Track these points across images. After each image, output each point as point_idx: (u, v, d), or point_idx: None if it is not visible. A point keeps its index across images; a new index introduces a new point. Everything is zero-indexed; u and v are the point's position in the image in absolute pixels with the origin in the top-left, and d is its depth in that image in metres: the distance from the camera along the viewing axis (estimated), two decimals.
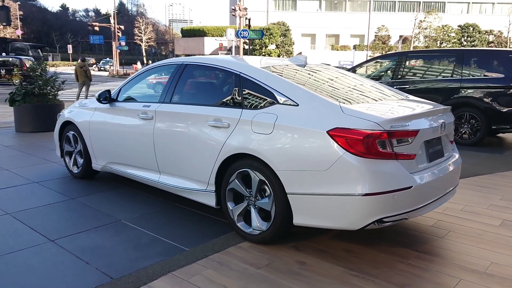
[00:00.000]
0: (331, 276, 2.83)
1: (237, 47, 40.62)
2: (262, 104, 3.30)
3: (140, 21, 72.81)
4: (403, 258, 3.11)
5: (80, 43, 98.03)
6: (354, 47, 53.96)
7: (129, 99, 4.52)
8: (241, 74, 3.50)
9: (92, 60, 63.54)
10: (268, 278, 2.80)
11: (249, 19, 16.41)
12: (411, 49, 48.47)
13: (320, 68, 4.03)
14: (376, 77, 8.80)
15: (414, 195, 2.88)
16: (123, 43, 44.91)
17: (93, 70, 55.86)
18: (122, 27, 47.16)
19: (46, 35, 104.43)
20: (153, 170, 4.12)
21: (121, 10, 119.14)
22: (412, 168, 2.95)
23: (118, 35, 45.93)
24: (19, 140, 7.77)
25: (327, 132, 2.85)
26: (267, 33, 44.90)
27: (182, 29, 56.05)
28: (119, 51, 45.93)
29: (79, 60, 16.32)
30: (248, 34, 16.88)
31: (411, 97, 3.93)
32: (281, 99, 3.20)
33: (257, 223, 3.27)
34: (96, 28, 47.74)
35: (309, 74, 3.78)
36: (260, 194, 3.26)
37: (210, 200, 3.61)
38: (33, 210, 4.04)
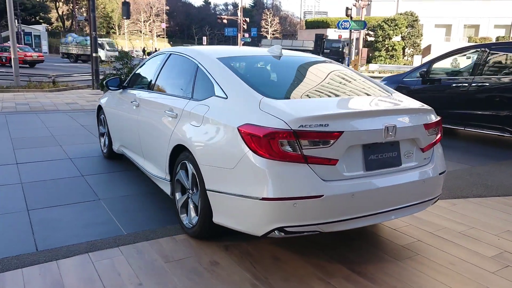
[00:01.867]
0: (229, 281, 2.65)
1: (358, 39, 39.22)
2: (203, 96, 3.21)
3: (268, 13, 74.76)
4: (327, 276, 2.75)
5: (216, 35, 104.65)
6: (497, 39, 47.66)
7: (134, 86, 4.76)
8: (198, 64, 3.44)
9: None
10: (166, 272, 2.74)
11: (350, 9, 15.65)
12: None
13: (298, 60, 3.73)
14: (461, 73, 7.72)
15: (326, 205, 2.52)
16: (246, 35, 46.79)
17: None
18: (248, 19, 49.07)
19: (187, 28, 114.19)
20: (141, 156, 4.30)
21: (257, 3, 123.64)
22: (332, 175, 2.57)
23: (243, 27, 47.97)
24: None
25: (237, 128, 2.65)
26: (391, 24, 42.39)
27: (306, 20, 56.15)
28: (243, 42, 47.94)
29: None
30: (350, 25, 16.12)
31: (397, 95, 3.38)
32: (217, 91, 3.07)
33: (191, 217, 3.21)
34: (225, 21, 50.59)
35: (273, 66, 3.53)
36: (196, 188, 3.19)
37: (167, 189, 3.65)
38: (39, 183, 4.54)
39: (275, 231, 2.54)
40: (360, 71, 20.86)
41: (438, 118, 3.15)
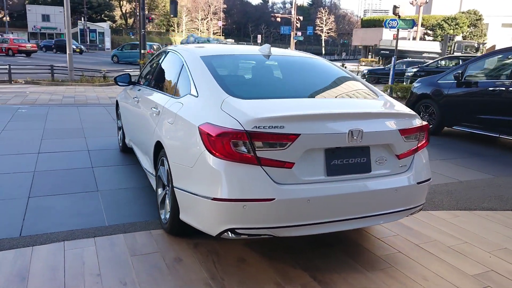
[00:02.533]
0: (184, 279, 2.67)
1: (414, 39, 37.70)
2: (182, 93, 3.24)
3: (323, 11, 73.72)
4: (285, 282, 2.69)
5: (272, 33, 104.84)
6: None
7: (140, 82, 4.89)
8: (183, 62, 3.47)
9: None
10: (128, 266, 2.80)
11: (398, 7, 14.96)
12: None
13: (285, 59, 3.66)
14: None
15: (278, 209, 2.45)
16: (299, 33, 46.46)
17: None
18: (301, 17, 48.66)
19: (244, 26, 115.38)
20: (139, 150, 4.42)
21: (315, 1, 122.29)
22: (287, 178, 2.50)
23: (296, 25, 47.68)
24: None
25: (198, 126, 2.65)
26: (452, 23, 40.29)
27: (362, 19, 54.75)
28: (295, 40, 47.65)
29: None
30: (397, 23, 15.47)
31: (382, 98, 3.22)
32: (192, 89, 3.09)
33: (166, 213, 3.26)
34: (278, 19, 50.55)
35: (258, 66, 3.49)
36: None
37: (154, 185, 3.72)
38: (51, 172, 4.80)
39: (227, 232, 2.52)
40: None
41: (422, 123, 2.96)
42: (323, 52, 65.82)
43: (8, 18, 70.49)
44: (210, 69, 3.13)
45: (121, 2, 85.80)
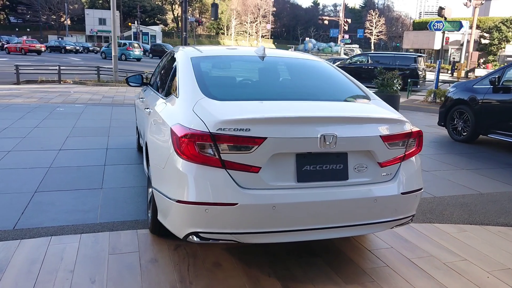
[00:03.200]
0: (152, 281, 2.66)
1: (468, 42, 35.94)
2: (168, 94, 3.24)
3: (373, 14, 71.96)
4: None
5: (321, 36, 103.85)
6: None
7: (150, 83, 4.96)
8: (176, 63, 3.47)
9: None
10: (102, 264, 2.83)
11: (443, 8, 14.18)
12: None
13: (278, 60, 3.57)
14: None
15: (241, 215, 2.37)
16: (346, 36, 45.70)
17: None
18: (349, 20, 47.84)
19: (293, 29, 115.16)
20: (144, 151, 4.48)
21: (368, 4, 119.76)
22: (253, 183, 2.42)
23: (344, 28, 46.94)
24: None
25: (170, 127, 2.63)
26: (510, 25, 37.97)
27: (413, 21, 52.93)
28: (342, 43, 46.91)
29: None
30: (443, 26, 14.71)
31: (374, 102, 3.04)
32: (176, 90, 3.07)
33: (150, 212, 3.26)
34: (326, 22, 50.00)
35: (249, 67, 3.43)
36: None
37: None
38: (64, 168, 4.97)
39: (192, 236, 2.47)
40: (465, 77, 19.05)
41: (412, 130, 2.76)
42: None
43: (69, 22, 74.73)
44: (195, 70, 3.10)
45: (173, 6, 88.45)
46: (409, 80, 17.16)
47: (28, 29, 76.48)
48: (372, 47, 71.81)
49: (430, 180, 5.13)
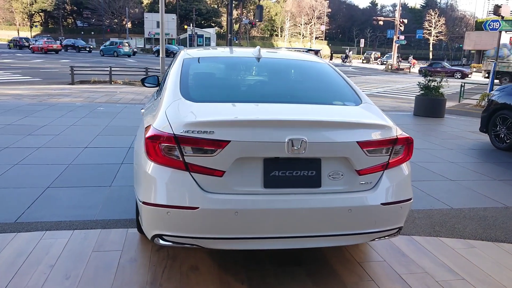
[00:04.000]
0: (124, 281, 2.67)
1: None
2: (159, 95, 3.24)
3: (432, 13, 68.82)
4: None
5: (378, 37, 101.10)
6: None
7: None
8: (172, 64, 3.48)
9: (377, 54, 64.75)
10: (82, 261, 2.89)
11: (500, 6, 13.15)
12: None
13: (274, 62, 3.47)
14: None
15: (203, 219, 2.32)
16: (401, 37, 44.10)
17: (377, 63, 57.39)
18: (406, 20, 46.11)
19: (349, 30, 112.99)
20: None
21: (429, 3, 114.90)
22: (217, 187, 2.35)
23: (400, 28, 45.31)
24: None
25: (145, 128, 2.64)
26: None
27: (476, 21, 50.05)
28: (397, 45, 45.31)
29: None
30: (500, 25, 13.68)
31: (364, 106, 2.86)
32: (162, 91, 3.08)
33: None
34: (380, 23, 48.55)
35: (242, 69, 3.36)
36: None
37: None
38: (82, 165, 5.16)
39: (157, 238, 2.45)
40: None
41: (398, 136, 2.56)
42: (430, 57, 61.37)
43: (129, 25, 78.29)
44: (183, 71, 3.09)
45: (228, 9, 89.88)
46: (462, 83, 16.27)
47: (92, 32, 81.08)
48: (431, 49, 68.66)
49: (453, 189, 4.78)
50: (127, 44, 45.03)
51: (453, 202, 4.36)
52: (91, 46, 54.12)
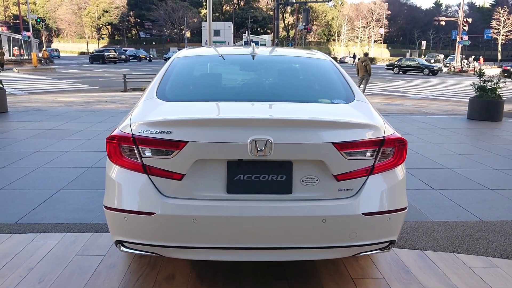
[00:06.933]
0: (94, 287, 2.57)
1: None
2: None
3: (501, 11, 64.26)
4: None
5: (441, 39, 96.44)
6: None
7: None
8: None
9: (439, 56, 61.46)
10: (62, 264, 2.83)
11: None
12: None
13: (269, 59, 3.25)
14: None
15: (160, 226, 2.15)
16: (465, 37, 41.57)
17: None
18: (470, 20, 43.46)
19: (409, 32, 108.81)
20: None
21: (499, 1, 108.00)
22: (177, 192, 2.17)
23: (463, 28, 42.81)
24: None
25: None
26: None
27: None
28: (461, 45, 42.80)
29: (362, 55, 16.91)
30: None
31: (354, 103, 2.56)
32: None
33: None
34: (442, 23, 46.26)
35: (236, 67, 3.19)
36: None
37: None
38: (100, 169, 5.20)
39: (118, 245, 2.32)
40: None
41: (385, 137, 2.24)
42: (499, 57, 57.27)
43: (188, 34, 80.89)
44: (168, 70, 2.96)
45: (284, 15, 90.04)
46: None
47: (153, 42, 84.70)
48: (499, 49, 64.12)
49: (488, 199, 4.25)
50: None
51: (484, 214, 3.86)
52: (152, 56, 57.06)
